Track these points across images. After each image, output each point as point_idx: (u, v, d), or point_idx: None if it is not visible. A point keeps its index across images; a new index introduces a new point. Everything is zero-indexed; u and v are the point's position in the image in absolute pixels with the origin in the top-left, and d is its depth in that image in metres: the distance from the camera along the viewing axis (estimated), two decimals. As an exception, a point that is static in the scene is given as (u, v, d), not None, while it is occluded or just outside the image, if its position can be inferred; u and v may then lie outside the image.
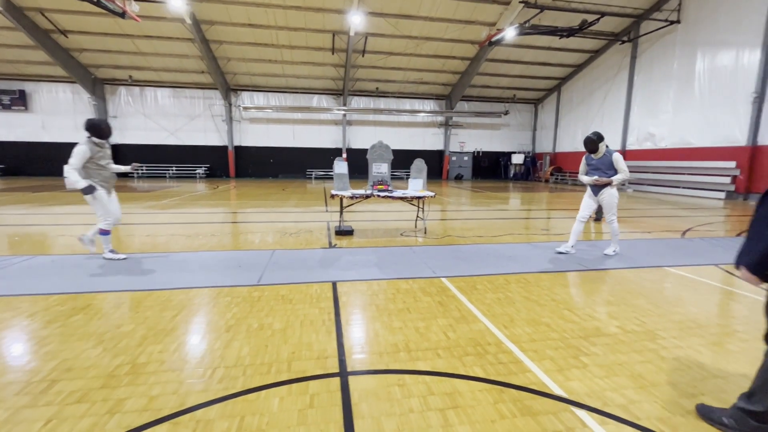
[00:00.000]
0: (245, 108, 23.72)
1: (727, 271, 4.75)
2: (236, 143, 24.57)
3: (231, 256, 5.18)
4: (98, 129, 4.52)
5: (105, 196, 4.69)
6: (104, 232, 4.78)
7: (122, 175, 23.58)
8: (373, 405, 2.10)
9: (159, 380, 2.31)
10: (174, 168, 24.13)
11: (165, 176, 23.96)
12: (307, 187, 18.06)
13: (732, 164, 14.09)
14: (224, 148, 24.38)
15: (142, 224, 7.59)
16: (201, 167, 24.28)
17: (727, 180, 14.23)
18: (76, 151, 4.38)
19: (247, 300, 3.62)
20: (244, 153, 24.82)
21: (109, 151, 4.77)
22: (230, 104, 23.70)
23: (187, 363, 2.50)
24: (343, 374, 2.40)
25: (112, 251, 4.89)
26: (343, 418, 1.99)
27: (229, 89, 23.42)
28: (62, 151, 22.77)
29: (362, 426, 1.93)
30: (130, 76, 22.26)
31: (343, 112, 24.51)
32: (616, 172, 5.19)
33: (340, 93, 24.40)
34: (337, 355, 2.62)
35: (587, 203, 5.43)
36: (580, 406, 2.11)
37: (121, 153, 23.64)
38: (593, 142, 5.18)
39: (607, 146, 5.26)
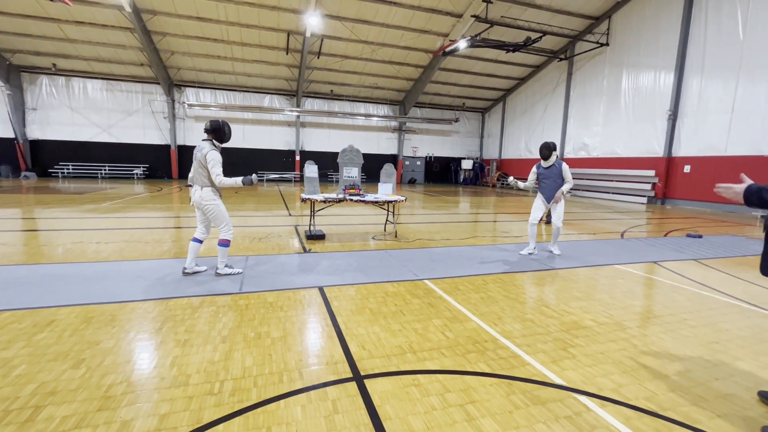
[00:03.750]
0: (190, 105, 22.35)
1: (666, 268, 5.44)
2: (180, 142, 23.03)
3: (201, 263, 4.90)
4: (221, 133, 4.21)
5: (224, 206, 4.35)
6: (228, 243, 4.36)
7: (44, 175, 21.09)
8: (396, 406, 2.15)
9: (164, 398, 2.17)
10: (107, 167, 22.01)
11: (97, 176, 21.77)
12: (260, 190, 17.44)
13: (651, 173, 16.00)
14: (166, 147, 22.74)
15: (88, 230, 6.88)
16: (139, 167, 22.41)
17: (648, 186, 16.12)
18: (214, 159, 4.06)
19: (233, 308, 3.47)
20: (188, 153, 23.26)
21: None
22: (173, 100, 22.18)
23: (189, 377, 2.37)
24: (358, 378, 2.42)
25: (228, 265, 4.49)
26: (371, 420, 2.02)
27: (172, 84, 21.93)
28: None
29: (392, 427, 1.98)
30: (54, 65, 19.97)
31: (296, 114, 24.02)
32: (563, 180, 5.72)
33: (294, 94, 23.90)
34: (345, 360, 2.63)
35: (538, 206, 5.88)
36: (580, 393, 2.33)
37: (41, 149, 21.12)
38: (549, 149, 5.69)
39: (557, 156, 5.78)
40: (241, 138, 24.03)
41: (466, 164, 27.67)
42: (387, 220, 7.73)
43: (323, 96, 24.68)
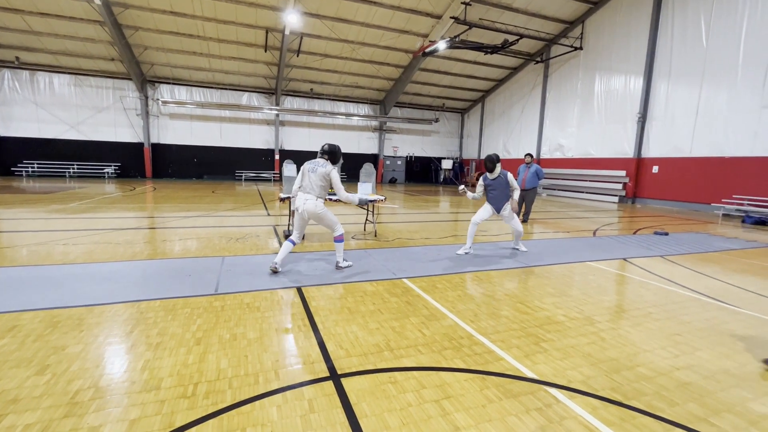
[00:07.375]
0: (164, 102, 21.69)
1: (634, 264, 5.67)
2: (154, 140, 22.32)
3: (176, 265, 4.79)
4: (334, 155, 4.68)
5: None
6: (343, 239, 4.81)
7: (6, 174, 20.04)
8: (373, 403, 2.17)
9: (134, 402, 2.11)
10: (75, 166, 21.10)
11: (65, 175, 20.84)
12: (238, 189, 17.13)
13: (623, 173, 16.60)
14: (139, 145, 21.98)
15: (55, 231, 6.59)
16: (110, 166, 21.58)
17: (619, 186, 16.72)
18: (337, 177, 4.60)
19: (209, 310, 3.41)
20: (163, 151, 22.63)
21: None
22: (147, 97, 21.46)
23: (162, 381, 2.32)
24: (335, 377, 2.42)
25: (345, 259, 4.97)
26: (347, 419, 2.03)
27: (145, 80, 21.20)
28: None
29: (368, 424, 2.00)
30: (18, 58, 19.01)
31: (275, 112, 23.68)
32: (509, 188, 5.85)
33: (273, 92, 23.56)
34: (323, 360, 2.63)
35: (486, 209, 5.95)
36: (551, 385, 2.41)
37: (3, 147, 20.07)
38: (493, 161, 5.73)
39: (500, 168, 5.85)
40: (219, 136, 23.54)
41: (446, 164, 27.95)
42: (366, 219, 7.74)
43: (303, 94, 24.44)
